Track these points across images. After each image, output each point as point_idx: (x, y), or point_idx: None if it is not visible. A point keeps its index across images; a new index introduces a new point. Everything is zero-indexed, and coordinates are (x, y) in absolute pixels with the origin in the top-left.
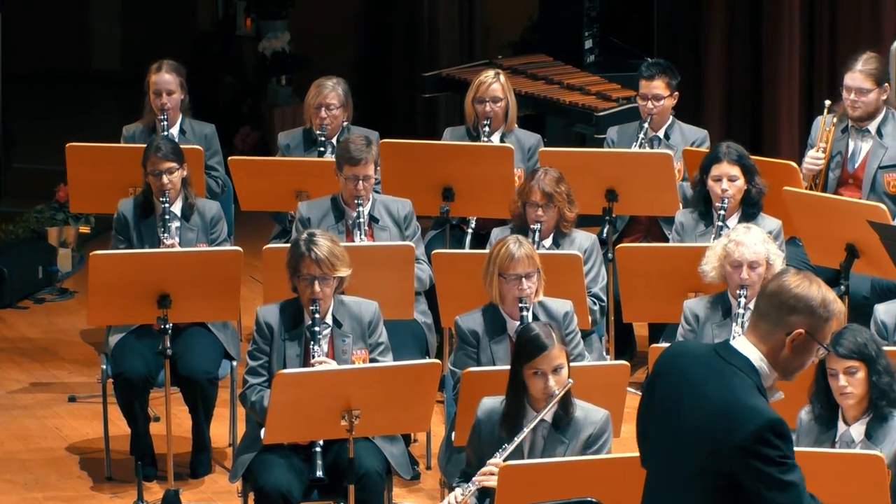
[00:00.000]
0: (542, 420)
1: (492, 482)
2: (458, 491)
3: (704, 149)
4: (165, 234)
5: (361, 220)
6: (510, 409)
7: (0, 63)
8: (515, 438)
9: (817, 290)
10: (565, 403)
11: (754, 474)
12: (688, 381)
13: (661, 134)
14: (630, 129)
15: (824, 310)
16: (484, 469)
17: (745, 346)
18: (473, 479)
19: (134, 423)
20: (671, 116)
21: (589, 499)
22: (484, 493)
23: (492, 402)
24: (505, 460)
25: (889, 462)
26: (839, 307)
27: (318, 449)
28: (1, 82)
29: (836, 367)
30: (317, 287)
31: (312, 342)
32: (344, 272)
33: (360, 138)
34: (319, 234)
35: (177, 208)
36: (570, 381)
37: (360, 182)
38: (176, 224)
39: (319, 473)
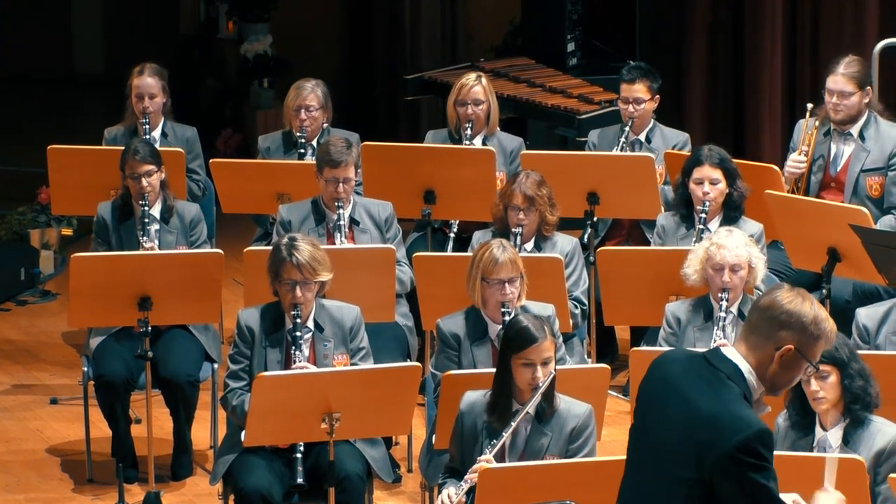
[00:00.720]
0: (527, 412)
1: None
2: (451, 490)
3: (686, 152)
4: (144, 238)
5: (342, 222)
6: (496, 398)
7: None
8: (503, 433)
9: (810, 308)
10: (549, 396)
11: (737, 481)
12: (675, 389)
13: (642, 137)
14: (610, 133)
15: (815, 327)
16: (475, 467)
17: (735, 355)
18: (466, 477)
19: (115, 426)
20: (652, 120)
21: (568, 501)
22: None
23: (474, 395)
24: (487, 446)
25: (868, 466)
26: (831, 326)
27: (298, 455)
28: None
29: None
30: (298, 292)
31: (294, 347)
32: (325, 277)
33: (340, 140)
34: (301, 239)
35: (156, 211)
36: (554, 371)
37: (341, 184)
38: (155, 227)
39: (300, 480)
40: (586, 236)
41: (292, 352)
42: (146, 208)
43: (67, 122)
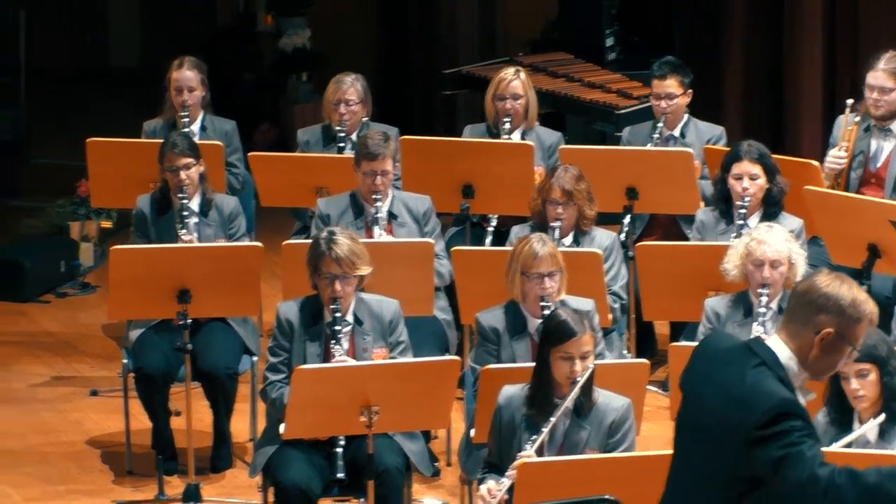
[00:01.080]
0: (566, 406)
1: None
2: (492, 484)
3: (721, 146)
4: (183, 230)
5: (380, 215)
6: (535, 392)
7: (23, 59)
8: (543, 429)
9: (848, 290)
10: (587, 390)
11: (767, 452)
12: (712, 378)
13: (676, 132)
14: (644, 129)
15: (854, 310)
16: (516, 463)
17: (776, 343)
18: (507, 473)
19: (155, 418)
20: (686, 114)
21: (607, 496)
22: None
23: (512, 389)
24: (523, 432)
25: None
26: (871, 308)
27: (339, 449)
28: (23, 78)
29: (847, 370)
30: (337, 286)
31: (333, 341)
32: (364, 270)
33: (378, 134)
34: (339, 233)
35: (195, 204)
36: (592, 366)
37: (378, 177)
38: (194, 220)
39: (341, 475)
40: (625, 231)
41: (331, 345)
42: (185, 201)
43: (104, 115)
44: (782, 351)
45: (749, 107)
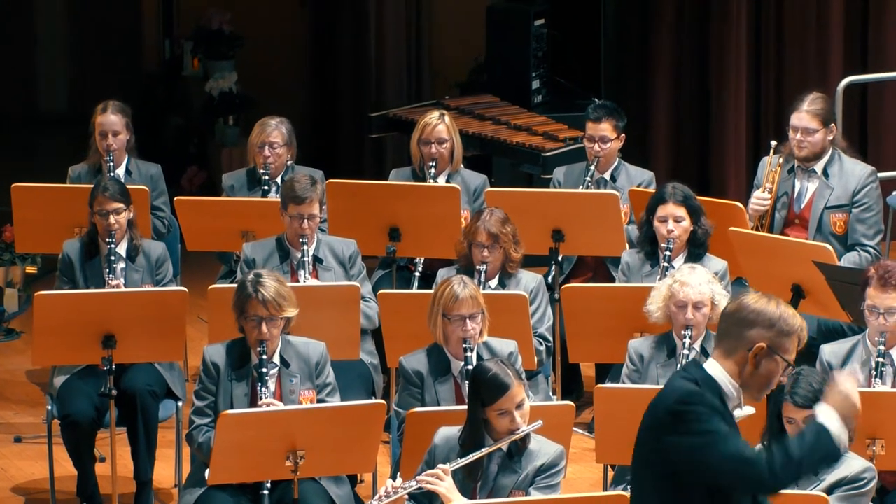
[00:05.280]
0: (499, 448)
1: (435, 486)
2: (398, 481)
3: (651, 190)
4: (111, 275)
5: (306, 258)
6: (468, 442)
7: None
8: (470, 455)
9: (776, 306)
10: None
11: (681, 435)
12: (652, 405)
13: (607, 176)
14: (576, 170)
15: (784, 323)
16: (430, 471)
17: (711, 365)
18: (418, 477)
19: (80, 464)
20: (618, 158)
21: None
22: (428, 499)
23: (450, 431)
24: (453, 471)
25: (824, 488)
26: (800, 322)
27: (265, 492)
28: None
29: (794, 416)
30: (264, 328)
31: (260, 383)
32: (291, 313)
33: (304, 177)
34: (266, 275)
35: (122, 249)
36: (540, 422)
37: (305, 220)
38: (121, 265)
39: None
40: (551, 274)
41: (258, 388)
42: (113, 246)
43: (31, 160)
44: (716, 371)
45: (675, 149)
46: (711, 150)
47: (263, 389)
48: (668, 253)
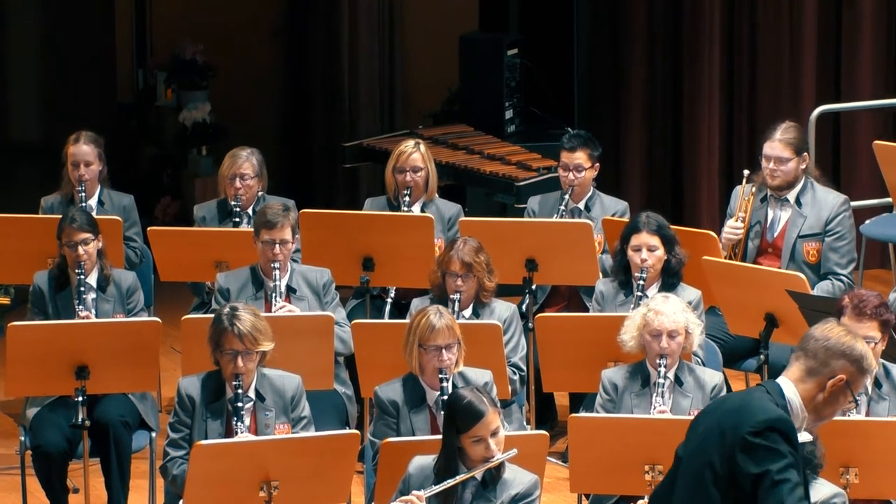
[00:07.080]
0: (473, 477)
1: None
2: None
3: (625, 219)
4: (81, 307)
5: (277, 283)
6: (444, 472)
7: None
8: (445, 483)
9: (863, 345)
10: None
11: (753, 464)
12: (712, 409)
13: (581, 205)
14: (551, 200)
15: (867, 363)
16: (405, 497)
17: (787, 385)
18: (392, 502)
19: (52, 496)
20: (592, 188)
21: None
22: None
23: (424, 460)
24: (427, 498)
25: None
26: (876, 365)
27: None
28: None
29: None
30: (240, 362)
31: (235, 418)
32: (267, 346)
33: (277, 204)
34: (242, 309)
35: (92, 279)
36: (515, 450)
37: (277, 245)
38: (92, 295)
39: None
40: (525, 303)
41: (233, 422)
42: (82, 277)
43: (3, 190)
44: (790, 391)
45: (648, 179)
46: (684, 179)
47: (238, 424)
48: (641, 282)
